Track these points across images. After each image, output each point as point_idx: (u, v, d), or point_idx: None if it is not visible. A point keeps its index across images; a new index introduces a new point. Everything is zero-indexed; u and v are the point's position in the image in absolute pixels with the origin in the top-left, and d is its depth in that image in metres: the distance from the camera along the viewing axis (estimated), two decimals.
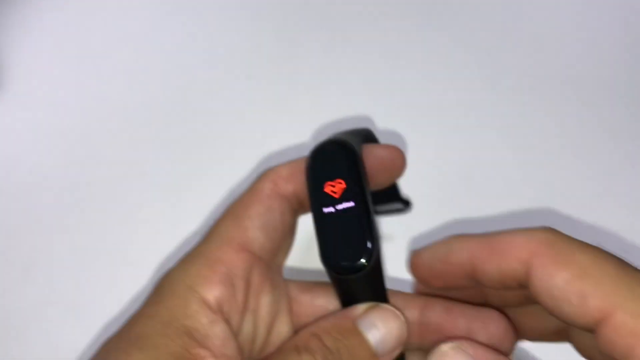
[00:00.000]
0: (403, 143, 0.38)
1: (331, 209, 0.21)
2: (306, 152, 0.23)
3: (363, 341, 0.21)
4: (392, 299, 0.23)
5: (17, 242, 0.35)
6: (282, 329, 0.24)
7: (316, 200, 0.22)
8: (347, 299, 0.23)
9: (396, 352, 0.22)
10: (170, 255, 0.34)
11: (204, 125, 0.39)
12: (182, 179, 0.37)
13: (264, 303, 0.23)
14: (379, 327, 0.21)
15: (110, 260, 0.35)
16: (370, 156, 0.24)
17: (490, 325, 0.23)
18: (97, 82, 0.41)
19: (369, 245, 0.21)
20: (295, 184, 0.24)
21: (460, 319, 0.23)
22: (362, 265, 0.21)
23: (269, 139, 0.38)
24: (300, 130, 0.39)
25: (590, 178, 0.37)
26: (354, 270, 0.21)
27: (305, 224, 0.24)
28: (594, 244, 0.35)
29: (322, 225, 0.21)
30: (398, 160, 0.24)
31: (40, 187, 0.37)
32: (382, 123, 0.39)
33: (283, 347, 0.21)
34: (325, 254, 0.21)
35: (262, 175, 0.24)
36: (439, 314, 0.24)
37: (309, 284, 0.25)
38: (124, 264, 0.35)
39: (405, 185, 0.36)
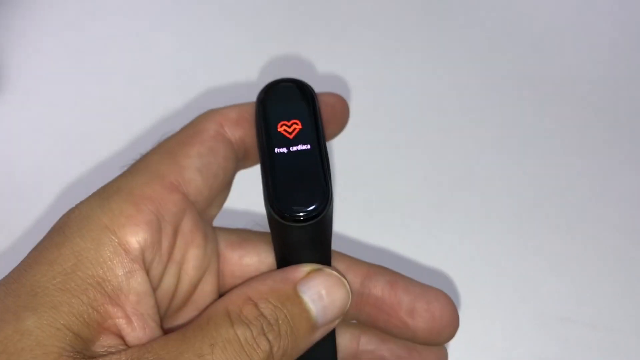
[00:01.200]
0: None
1: (284, 150, 0.19)
2: (250, 95, 0.21)
3: (304, 310, 0.18)
4: (333, 261, 0.21)
5: (17, 241, 0.35)
6: (207, 288, 0.21)
7: (268, 139, 0.19)
8: (286, 257, 0.20)
9: (335, 324, 0.20)
10: None
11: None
12: None
13: (192, 256, 0.20)
14: (323, 296, 0.19)
15: None
16: (321, 103, 0.21)
17: (435, 306, 0.21)
18: (97, 82, 0.41)
19: (326, 190, 0.18)
20: (244, 130, 0.21)
21: (404, 296, 0.21)
22: (316, 211, 0.18)
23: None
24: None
25: (589, 178, 0.37)
26: (305, 217, 0.18)
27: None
28: (594, 244, 0.35)
29: (273, 166, 0.19)
30: (345, 110, 0.22)
31: (40, 187, 0.37)
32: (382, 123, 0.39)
33: (211, 311, 0.18)
34: (274, 197, 0.18)
35: (205, 115, 0.21)
36: (382, 287, 0.22)
37: (238, 240, 0.22)
38: None
39: (405, 185, 0.36)
